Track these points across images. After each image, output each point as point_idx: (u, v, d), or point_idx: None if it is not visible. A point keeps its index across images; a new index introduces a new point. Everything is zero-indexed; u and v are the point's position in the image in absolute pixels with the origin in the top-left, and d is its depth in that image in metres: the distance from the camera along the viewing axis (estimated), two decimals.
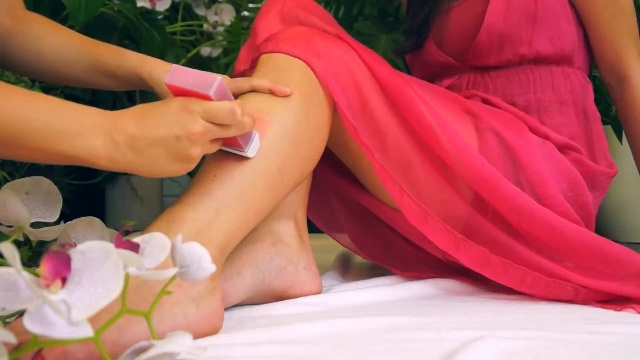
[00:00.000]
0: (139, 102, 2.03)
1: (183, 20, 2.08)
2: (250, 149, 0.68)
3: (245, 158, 0.69)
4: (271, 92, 0.75)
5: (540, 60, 0.98)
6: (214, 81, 0.61)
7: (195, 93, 0.61)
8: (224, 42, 1.97)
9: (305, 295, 0.81)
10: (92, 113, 0.57)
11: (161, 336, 0.52)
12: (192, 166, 0.62)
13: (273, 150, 0.71)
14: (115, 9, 1.60)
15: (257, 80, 0.76)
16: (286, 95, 0.75)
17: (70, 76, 0.82)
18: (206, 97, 0.61)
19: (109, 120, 0.57)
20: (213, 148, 0.64)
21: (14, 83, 1.12)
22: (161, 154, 0.59)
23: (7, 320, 0.58)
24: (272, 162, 0.71)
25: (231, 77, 0.82)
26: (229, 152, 0.68)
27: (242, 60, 0.88)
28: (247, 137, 0.67)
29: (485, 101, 0.98)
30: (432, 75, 1.09)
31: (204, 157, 0.70)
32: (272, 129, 0.72)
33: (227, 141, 0.67)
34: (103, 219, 0.91)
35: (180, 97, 0.62)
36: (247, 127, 0.64)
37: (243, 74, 0.87)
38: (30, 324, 0.38)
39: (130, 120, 0.58)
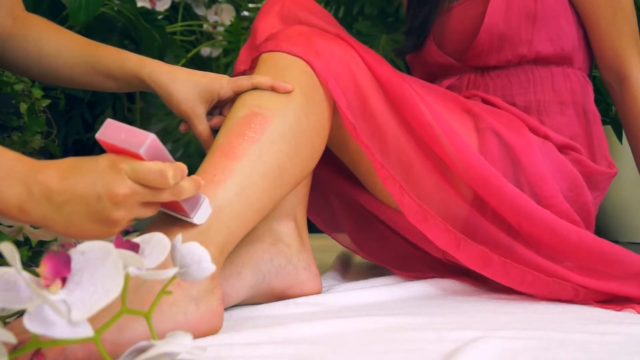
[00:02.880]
0: (139, 103, 2.03)
1: (183, 20, 2.08)
2: (197, 215, 0.62)
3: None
4: (273, 89, 0.75)
5: (540, 61, 0.98)
6: (146, 139, 0.55)
7: (126, 151, 0.55)
8: (224, 42, 1.97)
9: (305, 295, 0.81)
10: (12, 157, 0.52)
11: (161, 336, 0.52)
12: (115, 230, 0.56)
13: (274, 148, 0.71)
14: (115, 9, 1.60)
15: (259, 77, 0.76)
16: (288, 92, 0.74)
17: (70, 77, 0.82)
18: (137, 156, 0.55)
19: (29, 169, 0.52)
20: (145, 212, 0.57)
21: (13, 83, 1.12)
22: (80, 212, 0.53)
23: (7, 320, 0.58)
24: (273, 160, 0.71)
25: (231, 76, 0.82)
26: (174, 215, 0.63)
27: (242, 59, 0.88)
28: (192, 201, 0.61)
29: (485, 101, 0.98)
30: (432, 75, 1.09)
31: None
32: (272, 125, 0.72)
33: (170, 205, 0.61)
34: None
35: (111, 153, 0.56)
36: (186, 192, 0.57)
37: (243, 74, 0.87)
38: (30, 324, 0.38)
39: (52, 173, 0.53)
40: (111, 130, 0.56)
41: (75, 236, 0.55)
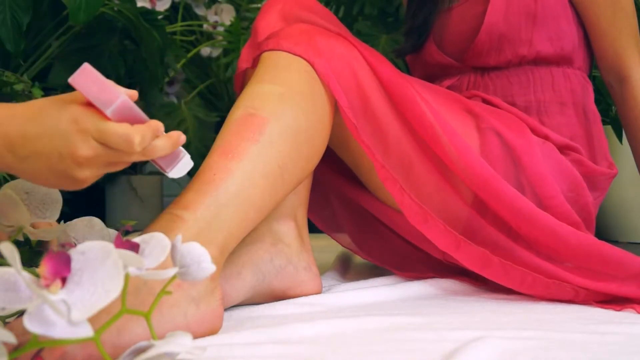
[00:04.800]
0: (138, 102, 2.03)
1: (183, 20, 2.08)
2: (174, 170, 0.59)
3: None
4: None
5: (540, 61, 0.98)
6: (116, 99, 0.52)
7: (94, 106, 0.52)
8: (224, 42, 1.97)
9: (305, 295, 0.81)
10: None
11: (160, 337, 0.52)
12: (82, 186, 0.54)
13: (273, 148, 0.71)
14: (115, 9, 1.60)
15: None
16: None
17: None
18: (105, 115, 0.52)
19: None
20: (113, 169, 0.55)
21: (13, 83, 1.12)
22: (43, 167, 0.52)
23: (7, 320, 0.58)
24: (273, 160, 0.71)
25: (234, 75, 0.82)
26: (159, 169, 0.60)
27: (244, 58, 0.88)
28: (171, 157, 0.59)
29: (485, 101, 0.98)
30: (432, 75, 1.09)
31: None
32: (271, 125, 0.72)
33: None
34: (103, 219, 0.91)
35: (78, 105, 0.53)
36: (159, 151, 0.55)
37: (245, 72, 0.87)
38: (30, 324, 0.38)
39: (15, 126, 0.51)
40: (84, 78, 0.52)
41: (46, 186, 0.54)
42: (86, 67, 0.52)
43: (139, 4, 1.75)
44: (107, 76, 0.65)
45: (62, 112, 0.52)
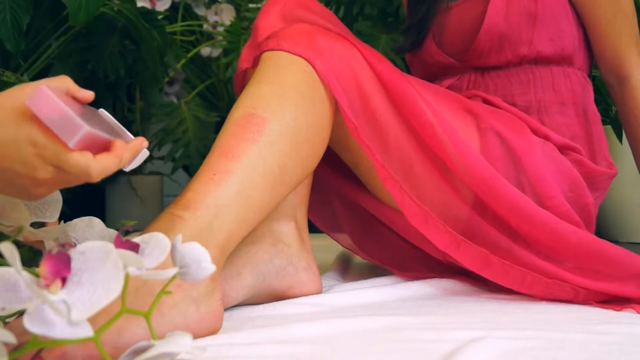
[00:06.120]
0: (139, 103, 2.03)
1: (183, 20, 2.08)
2: (131, 164, 0.58)
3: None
4: None
5: (540, 61, 0.98)
6: (78, 132, 0.49)
7: (54, 134, 0.49)
8: (224, 42, 1.97)
9: (305, 295, 0.81)
10: None
11: (160, 337, 0.52)
12: (37, 199, 0.54)
13: (273, 148, 0.71)
14: (115, 9, 1.60)
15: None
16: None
17: None
18: (62, 143, 0.49)
19: None
20: (68, 185, 0.54)
21: (13, 83, 1.12)
22: (0, 179, 0.51)
23: (7, 320, 0.58)
24: (273, 160, 0.71)
25: (234, 75, 0.82)
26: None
27: (244, 58, 0.88)
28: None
29: (486, 102, 0.98)
30: (432, 75, 1.09)
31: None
32: (271, 126, 0.72)
33: None
34: (103, 219, 0.91)
35: (36, 127, 0.49)
36: (118, 165, 0.54)
37: (245, 72, 0.87)
38: (30, 324, 0.38)
39: None
40: (43, 104, 0.48)
41: (4, 194, 0.53)
42: (42, 90, 0.48)
43: (139, 4, 1.75)
44: (107, 76, 0.65)
45: (19, 131, 0.49)
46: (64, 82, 0.54)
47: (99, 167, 0.51)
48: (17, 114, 0.49)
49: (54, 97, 0.49)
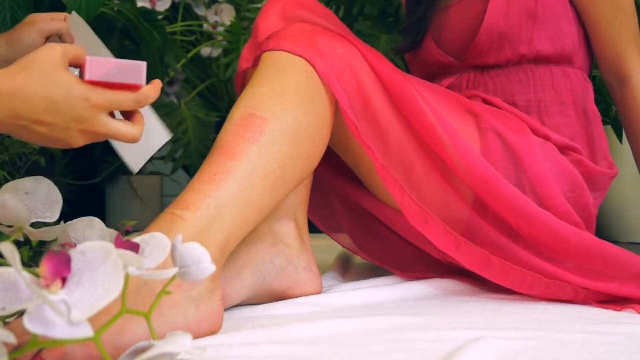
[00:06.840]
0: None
1: (183, 20, 2.08)
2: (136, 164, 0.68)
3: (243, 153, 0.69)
4: None
5: (540, 60, 0.98)
6: (142, 68, 0.56)
7: (121, 85, 0.56)
8: (224, 42, 1.97)
9: (305, 295, 0.81)
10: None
11: (160, 337, 0.52)
12: (70, 147, 0.59)
13: (273, 148, 0.71)
14: (115, 9, 1.60)
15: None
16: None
17: None
18: (134, 87, 0.57)
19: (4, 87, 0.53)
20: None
21: None
22: (42, 134, 0.56)
23: (7, 320, 0.58)
24: (273, 160, 0.71)
25: (234, 75, 0.82)
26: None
27: (244, 58, 0.88)
28: (142, 154, 0.67)
29: (486, 102, 0.98)
30: (432, 74, 1.09)
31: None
32: (271, 126, 0.72)
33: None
34: (103, 219, 0.91)
35: (83, 84, 0.56)
36: (151, 99, 0.61)
37: (246, 72, 0.87)
38: (30, 324, 0.38)
39: (23, 93, 0.53)
40: (99, 69, 0.55)
41: (27, 140, 0.58)
42: (91, 61, 0.54)
43: (139, 4, 1.75)
44: None
45: (71, 90, 0.55)
46: (71, 44, 0.62)
47: (144, 94, 0.58)
48: (61, 74, 0.55)
49: (102, 59, 0.55)
